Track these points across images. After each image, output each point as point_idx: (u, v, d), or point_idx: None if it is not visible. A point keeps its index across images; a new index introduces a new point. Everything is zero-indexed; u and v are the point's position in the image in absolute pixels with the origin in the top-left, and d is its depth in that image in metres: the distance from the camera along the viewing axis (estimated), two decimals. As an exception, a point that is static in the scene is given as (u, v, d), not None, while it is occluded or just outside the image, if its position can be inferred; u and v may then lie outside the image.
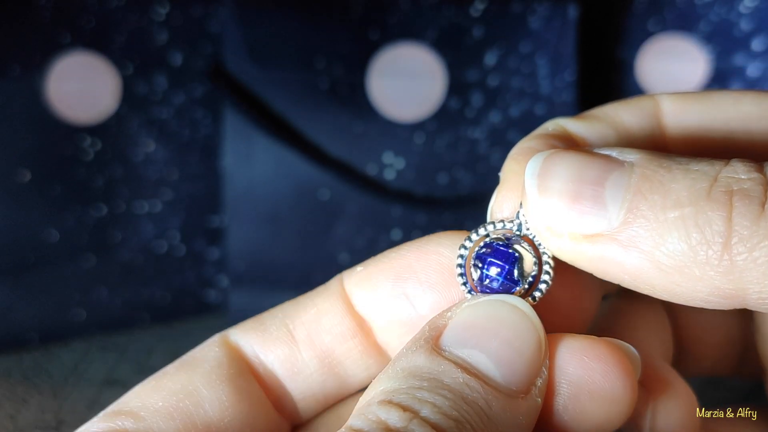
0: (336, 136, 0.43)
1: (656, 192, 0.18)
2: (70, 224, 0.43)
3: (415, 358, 0.19)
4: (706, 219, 0.18)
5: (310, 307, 0.24)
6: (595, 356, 0.20)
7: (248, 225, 0.44)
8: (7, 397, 0.39)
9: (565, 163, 0.20)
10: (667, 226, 0.18)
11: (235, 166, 0.43)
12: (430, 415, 0.17)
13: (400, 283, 0.23)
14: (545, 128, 0.23)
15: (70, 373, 0.41)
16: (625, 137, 0.23)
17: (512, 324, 0.19)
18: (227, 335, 0.24)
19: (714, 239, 0.18)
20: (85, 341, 0.45)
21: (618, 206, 0.19)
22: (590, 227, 0.19)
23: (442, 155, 0.44)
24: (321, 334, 0.23)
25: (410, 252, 0.23)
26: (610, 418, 0.20)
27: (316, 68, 0.43)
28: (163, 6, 0.43)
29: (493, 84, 0.43)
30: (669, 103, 0.24)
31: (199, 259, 0.47)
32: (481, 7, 0.43)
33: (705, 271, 0.18)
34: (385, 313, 0.23)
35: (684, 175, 0.18)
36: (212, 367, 0.22)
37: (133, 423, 0.21)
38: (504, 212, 0.22)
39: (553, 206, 0.19)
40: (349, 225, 0.44)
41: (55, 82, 0.41)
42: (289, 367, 0.23)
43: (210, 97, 0.45)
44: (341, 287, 0.24)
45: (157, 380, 0.22)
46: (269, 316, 0.24)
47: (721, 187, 0.18)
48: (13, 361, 0.42)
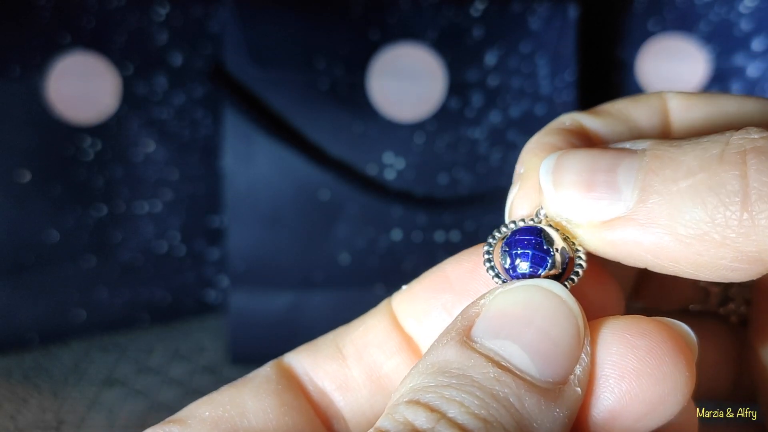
0: (336, 136, 0.43)
1: (667, 167, 0.18)
2: (71, 224, 0.43)
3: (445, 351, 0.18)
4: (720, 181, 0.17)
5: (359, 325, 0.24)
6: (639, 333, 0.18)
7: (248, 225, 0.44)
8: (7, 398, 0.39)
9: (578, 157, 0.20)
10: (681, 196, 0.18)
11: (235, 166, 0.43)
12: (458, 415, 0.17)
13: (437, 295, 0.23)
14: (562, 122, 0.24)
15: (71, 373, 0.41)
16: (636, 133, 0.24)
17: (548, 311, 0.18)
18: (282, 358, 0.24)
19: (730, 199, 0.17)
20: (85, 341, 0.45)
21: (631, 187, 0.18)
22: (607, 213, 0.19)
23: (442, 155, 0.44)
24: (369, 348, 0.23)
25: (447, 265, 0.23)
26: (662, 399, 0.18)
27: (316, 68, 0.43)
28: (163, 6, 0.43)
29: (493, 84, 0.43)
30: (676, 101, 0.24)
31: (199, 260, 0.47)
32: (481, 7, 0.43)
33: (725, 235, 0.17)
34: (427, 327, 0.23)
35: (694, 147, 0.18)
36: (261, 383, 0.23)
37: (180, 430, 0.22)
38: (524, 209, 0.22)
39: (569, 198, 0.19)
40: (349, 225, 0.44)
41: (56, 83, 0.41)
42: (339, 383, 0.23)
43: (210, 98, 0.45)
44: (389, 306, 0.24)
45: (211, 395, 0.23)
46: (322, 338, 0.24)
47: (733, 148, 0.18)
48: (14, 361, 0.42)
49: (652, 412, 0.18)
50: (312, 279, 0.44)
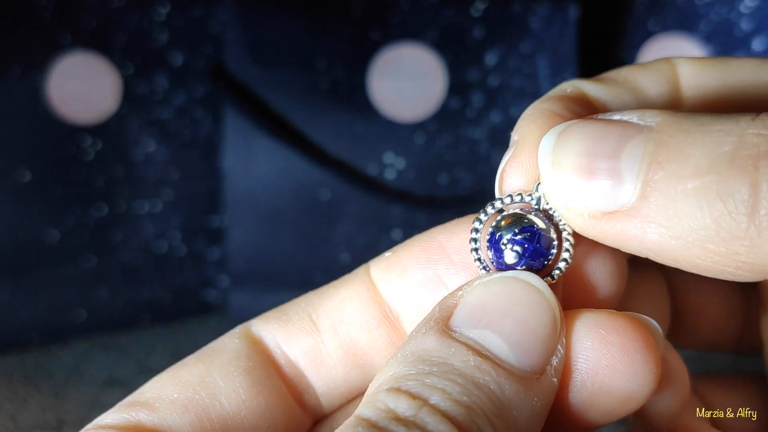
0: (337, 136, 0.43)
1: (674, 160, 0.17)
2: (71, 224, 0.43)
3: (424, 340, 0.18)
4: (729, 187, 0.16)
5: (334, 296, 0.23)
6: (612, 329, 0.19)
7: (249, 225, 0.44)
8: (8, 398, 0.39)
9: (580, 135, 0.18)
10: (686, 198, 0.17)
11: (236, 166, 0.43)
12: (440, 402, 0.17)
13: (431, 264, 0.22)
14: (563, 89, 0.22)
15: (71, 373, 0.41)
16: (643, 102, 0.22)
17: (526, 302, 0.19)
18: (249, 326, 0.23)
19: (738, 209, 0.16)
20: (85, 341, 0.45)
21: (634, 179, 0.17)
22: (608, 204, 0.18)
23: (442, 155, 0.44)
24: (345, 323, 0.22)
25: (440, 234, 0.22)
26: (631, 394, 0.19)
27: (316, 68, 0.43)
28: (163, 6, 0.43)
29: (494, 84, 0.43)
30: (687, 67, 0.22)
31: (199, 259, 0.47)
32: (481, 7, 0.43)
33: (730, 245, 0.16)
34: (415, 299, 0.22)
35: (705, 138, 0.17)
36: (230, 359, 0.22)
37: (147, 414, 0.21)
38: (514, 180, 0.21)
39: (568, 185, 0.18)
40: (349, 225, 0.44)
41: (56, 82, 0.41)
42: (312, 358, 0.22)
43: (210, 97, 0.45)
44: (367, 275, 0.23)
45: (174, 371, 0.22)
46: (292, 306, 0.23)
47: (745, 149, 0.16)
48: (14, 361, 0.42)
49: (621, 406, 0.19)
50: (312, 279, 0.44)
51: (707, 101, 0.22)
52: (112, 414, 0.21)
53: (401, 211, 0.44)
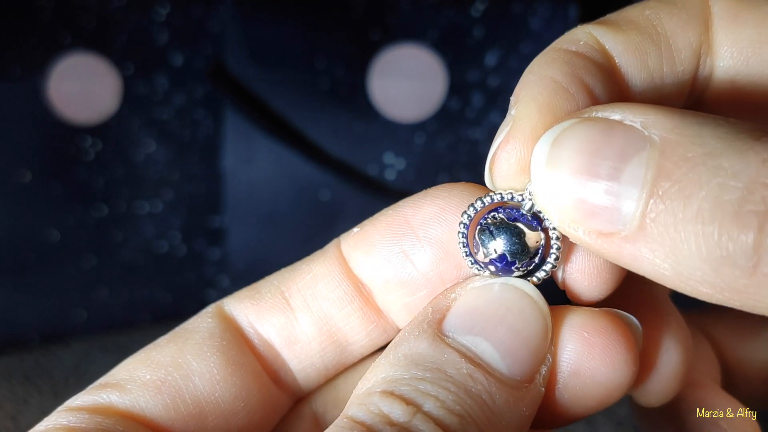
0: (337, 136, 0.43)
1: (675, 197, 0.16)
2: (71, 224, 0.43)
3: (417, 343, 0.18)
4: (732, 243, 0.15)
5: (306, 273, 0.23)
6: (595, 330, 0.19)
7: (249, 225, 0.44)
8: (8, 398, 0.39)
9: (576, 147, 0.17)
10: (686, 241, 0.16)
11: (236, 166, 0.43)
12: (434, 409, 0.17)
13: (397, 240, 0.21)
14: (575, 40, 0.20)
15: (71, 374, 0.41)
16: (668, 55, 0.20)
17: (519, 310, 0.18)
18: (222, 305, 0.23)
19: (739, 264, 0.15)
20: (85, 341, 0.45)
21: (633, 206, 0.16)
22: (605, 226, 0.17)
23: (442, 155, 0.44)
24: (318, 299, 0.22)
25: (406, 207, 0.22)
26: (610, 393, 0.19)
27: (316, 69, 0.43)
28: (163, 6, 0.43)
29: (494, 84, 0.43)
30: (720, 6, 0.20)
31: (199, 259, 0.47)
32: (481, 7, 0.43)
33: (728, 294, 0.16)
34: (384, 273, 0.22)
35: (710, 178, 0.16)
36: (204, 339, 0.21)
37: (119, 396, 0.20)
38: (507, 166, 0.19)
39: (564, 202, 0.17)
40: (349, 225, 0.44)
41: (56, 83, 0.41)
42: (286, 336, 0.22)
43: (210, 98, 0.45)
44: (338, 251, 0.23)
45: (146, 352, 0.21)
46: (265, 283, 0.23)
47: (751, 203, 0.15)
48: (14, 361, 0.42)
49: (601, 402, 0.19)
50: (312, 279, 0.44)
51: (741, 54, 0.20)
52: (82, 396, 0.21)
53: (401, 212, 0.44)
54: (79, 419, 0.20)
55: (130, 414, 0.20)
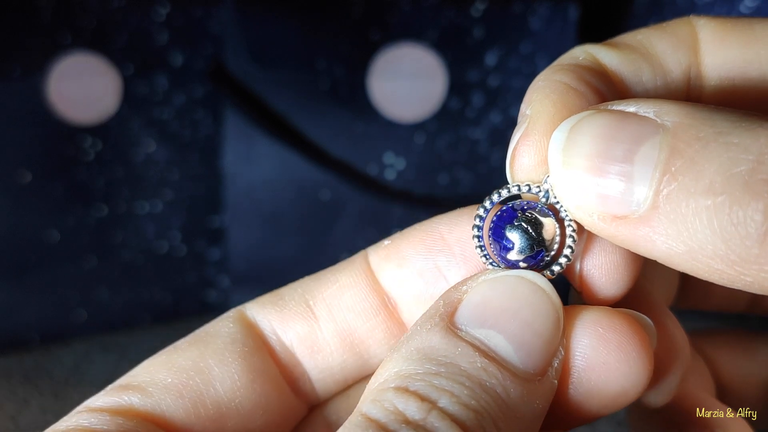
0: (337, 136, 0.43)
1: (687, 173, 0.16)
2: (71, 225, 0.43)
3: (430, 337, 0.18)
4: (742, 211, 0.16)
5: (332, 282, 0.23)
6: (609, 327, 0.19)
7: (249, 225, 0.44)
8: (8, 398, 0.39)
9: (593, 132, 0.18)
10: (698, 215, 0.16)
11: (236, 166, 0.43)
12: (449, 405, 0.16)
13: (432, 255, 0.21)
14: (575, 57, 0.21)
15: (71, 374, 0.41)
16: (660, 72, 0.21)
17: (531, 303, 0.18)
18: (243, 310, 0.23)
19: (749, 235, 0.16)
20: (86, 342, 0.45)
21: (646, 186, 0.17)
22: (618, 208, 0.17)
23: (442, 155, 0.44)
24: (343, 310, 0.22)
25: (442, 224, 0.22)
26: (625, 391, 0.19)
27: (316, 69, 0.43)
28: (163, 6, 0.43)
29: (494, 84, 0.43)
30: (707, 31, 0.21)
31: (200, 260, 0.47)
32: (481, 7, 0.43)
33: (739, 267, 0.16)
34: (414, 288, 0.22)
35: (721, 153, 0.16)
36: (225, 344, 0.21)
37: (140, 399, 0.20)
38: (528, 159, 0.20)
39: (579, 186, 0.18)
40: (349, 225, 0.44)
41: (56, 83, 0.41)
42: (309, 345, 0.22)
43: (211, 98, 0.45)
44: (366, 262, 0.23)
45: (167, 355, 0.21)
46: (289, 290, 0.23)
47: (761, 172, 0.16)
48: (14, 361, 0.42)
49: (616, 401, 0.19)
50: (312, 279, 0.44)
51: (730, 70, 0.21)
52: (102, 397, 0.20)
53: (401, 212, 0.44)
54: (100, 420, 0.20)
55: (151, 417, 0.20)
